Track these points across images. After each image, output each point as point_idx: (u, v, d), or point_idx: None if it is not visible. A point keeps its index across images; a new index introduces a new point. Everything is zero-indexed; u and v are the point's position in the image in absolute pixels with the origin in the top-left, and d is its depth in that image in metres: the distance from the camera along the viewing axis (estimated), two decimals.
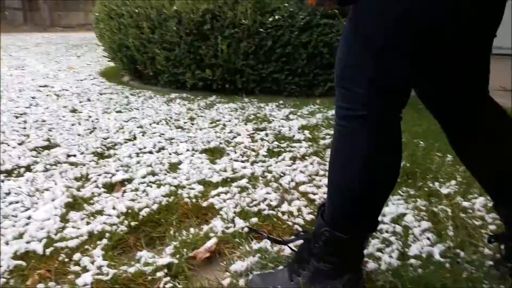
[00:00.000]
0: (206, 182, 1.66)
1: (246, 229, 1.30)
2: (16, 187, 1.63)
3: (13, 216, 1.41)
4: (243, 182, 1.62)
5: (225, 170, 1.74)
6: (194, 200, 1.50)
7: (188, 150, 2.02)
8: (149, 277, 1.10)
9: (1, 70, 4.81)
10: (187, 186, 1.62)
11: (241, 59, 3.17)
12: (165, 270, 1.12)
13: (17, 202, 1.51)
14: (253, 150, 2.01)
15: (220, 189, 1.57)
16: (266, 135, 2.27)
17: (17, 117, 2.70)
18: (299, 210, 1.45)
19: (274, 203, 1.47)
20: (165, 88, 3.69)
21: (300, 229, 1.32)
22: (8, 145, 2.14)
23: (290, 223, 1.36)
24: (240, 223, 1.33)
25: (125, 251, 1.26)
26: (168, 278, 1.10)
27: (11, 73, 4.61)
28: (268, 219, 1.38)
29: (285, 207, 1.45)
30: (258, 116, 2.68)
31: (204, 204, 1.48)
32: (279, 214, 1.41)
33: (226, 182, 1.65)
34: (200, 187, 1.59)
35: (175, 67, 3.41)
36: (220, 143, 2.10)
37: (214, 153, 1.95)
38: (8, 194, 1.58)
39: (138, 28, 3.42)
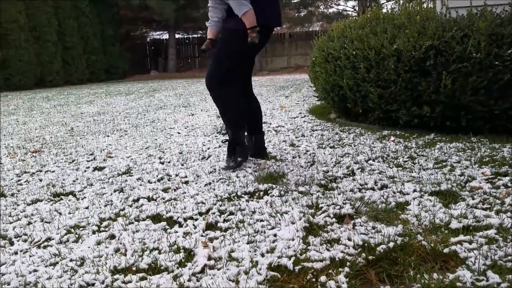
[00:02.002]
0: (442, 227, 1.56)
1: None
2: (259, 208, 1.87)
3: (262, 232, 1.62)
4: (491, 232, 1.45)
5: (465, 217, 1.60)
6: (432, 244, 1.42)
7: (415, 190, 1.95)
8: None
9: None
10: (420, 229, 1.56)
11: (468, 95, 2.93)
12: None
13: (262, 221, 1.73)
14: (496, 197, 1.80)
15: (462, 237, 1.44)
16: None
17: None
18: None
19: None
20: (374, 125, 3.71)
21: None
22: (246, 171, 2.50)
23: None
24: (494, 277, 1.19)
25: (365, 283, 1.28)
26: None
27: None
28: None
29: None
30: (495, 159, 2.38)
31: (445, 250, 1.38)
32: None
33: (467, 230, 1.51)
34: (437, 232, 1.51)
35: (388, 104, 3.40)
36: (452, 186, 1.95)
37: (446, 197, 1.83)
38: (253, 212, 1.83)
39: (354, 69, 3.57)
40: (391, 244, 1.42)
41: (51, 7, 14.00)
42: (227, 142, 2.67)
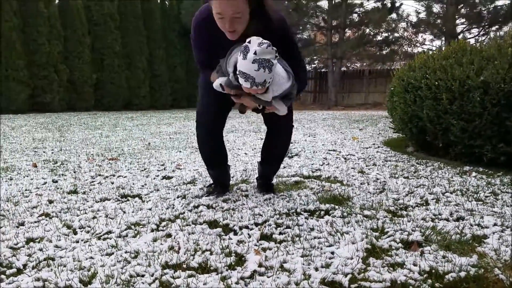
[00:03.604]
0: None
1: None
2: (318, 225, 1.78)
3: (319, 248, 1.53)
4: None
5: None
6: (511, 280, 1.23)
7: (496, 224, 1.73)
8: None
9: (298, 136, 5.72)
10: (499, 263, 1.36)
11: None
12: None
13: (319, 238, 1.64)
14: None
15: None
16: None
17: (313, 171, 3.07)
18: None
19: None
20: (454, 161, 3.42)
21: None
22: (309, 191, 2.41)
23: None
24: None
25: None
26: None
27: (305, 139, 5.40)
28: None
29: None
30: None
31: None
32: None
33: None
34: None
35: (472, 138, 3.13)
36: None
37: None
38: (312, 229, 1.74)
39: (435, 100, 3.37)
40: (462, 274, 1.26)
41: (144, 36, 15.34)
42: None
